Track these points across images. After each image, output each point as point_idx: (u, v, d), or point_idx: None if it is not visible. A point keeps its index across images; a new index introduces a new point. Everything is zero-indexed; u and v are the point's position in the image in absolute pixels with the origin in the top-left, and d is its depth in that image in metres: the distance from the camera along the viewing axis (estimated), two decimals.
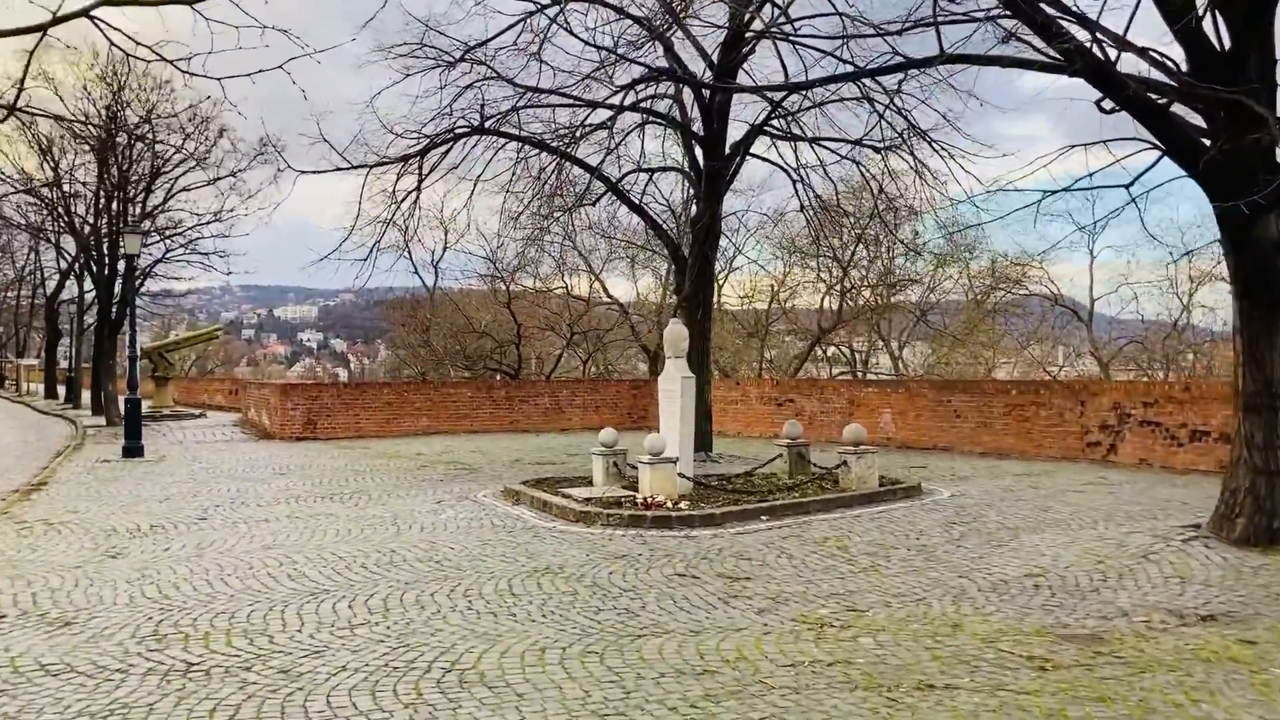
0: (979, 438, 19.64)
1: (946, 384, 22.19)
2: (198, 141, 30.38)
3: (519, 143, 19.18)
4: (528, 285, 33.13)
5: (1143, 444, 16.84)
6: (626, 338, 36.23)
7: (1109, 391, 17.57)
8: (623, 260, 36.61)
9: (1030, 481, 15.24)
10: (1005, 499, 13.42)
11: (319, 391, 26.24)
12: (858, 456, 13.68)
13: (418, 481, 16.31)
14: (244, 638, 7.21)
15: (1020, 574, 9.06)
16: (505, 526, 11.76)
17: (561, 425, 28.20)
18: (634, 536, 11.01)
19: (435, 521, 12.17)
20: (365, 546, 10.58)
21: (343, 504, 13.79)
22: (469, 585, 8.76)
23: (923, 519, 11.96)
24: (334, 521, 12.26)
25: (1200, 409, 15.91)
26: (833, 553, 10.09)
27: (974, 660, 6.58)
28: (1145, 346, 44.32)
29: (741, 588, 8.64)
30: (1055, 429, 18.32)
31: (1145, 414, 16.81)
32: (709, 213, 18.49)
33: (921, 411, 20.67)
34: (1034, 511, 12.38)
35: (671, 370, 13.73)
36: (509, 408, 28.07)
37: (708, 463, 18.66)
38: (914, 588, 8.65)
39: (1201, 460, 15.90)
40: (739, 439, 24.05)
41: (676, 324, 13.95)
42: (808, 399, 23.45)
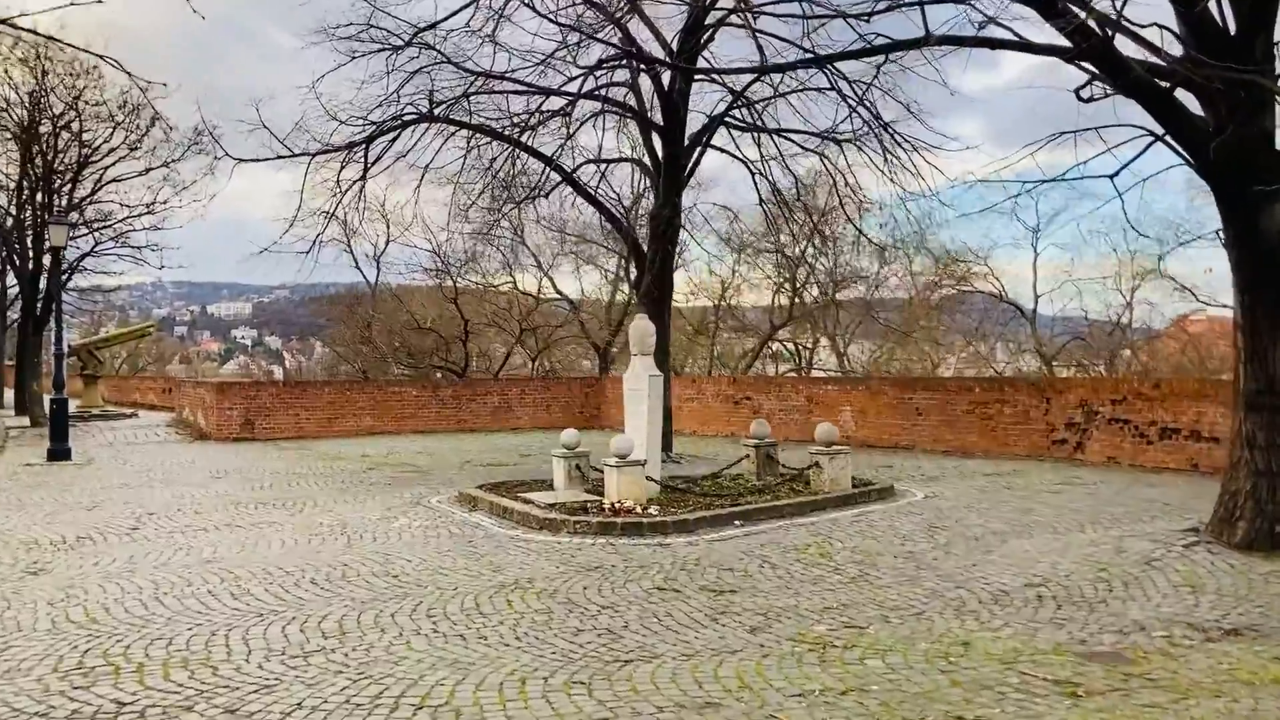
0: (941, 436, 19.24)
1: (908, 381, 21.80)
2: (128, 130, 29.04)
3: (470, 131, 18.38)
4: (475, 280, 32.29)
5: (1111, 442, 16.53)
6: (576, 335, 35.48)
7: (1076, 389, 17.25)
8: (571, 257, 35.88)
9: (1003, 482, 14.82)
10: (982, 500, 12.96)
11: (257, 390, 25.19)
12: (830, 457, 13.13)
13: (365, 485, 15.48)
14: (184, 669, 6.42)
15: (1020, 584, 8.54)
16: (464, 536, 11.02)
17: (511, 425, 27.41)
18: (604, 545, 10.34)
19: (388, 530, 11.40)
20: (314, 560, 9.79)
21: (287, 511, 12.95)
22: (431, 604, 8.03)
23: (903, 523, 11.44)
24: (278, 531, 11.43)
25: (1170, 406, 15.62)
26: (816, 561, 9.51)
27: (997, 685, 6.01)
28: (1088, 343, 44.61)
29: (728, 603, 8.02)
30: (1020, 427, 17.97)
31: (1114, 411, 16.50)
32: (669, 205, 17.85)
33: (883, 409, 20.24)
34: (1015, 514, 11.92)
35: (638, 368, 13.08)
36: (456, 407, 27.22)
37: (669, 463, 18.01)
38: (910, 600, 8.09)
39: (1171, 458, 15.61)
40: (695, 438, 23.46)
41: (643, 320, 13.30)
42: (765, 397, 22.92)
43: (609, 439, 13.55)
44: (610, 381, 28.17)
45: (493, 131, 18.37)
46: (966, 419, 18.80)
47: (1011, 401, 18.15)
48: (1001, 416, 18.29)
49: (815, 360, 46.25)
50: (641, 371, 12.98)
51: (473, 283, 32.26)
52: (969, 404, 18.77)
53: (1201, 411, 15.16)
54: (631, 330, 13.22)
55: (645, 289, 18.10)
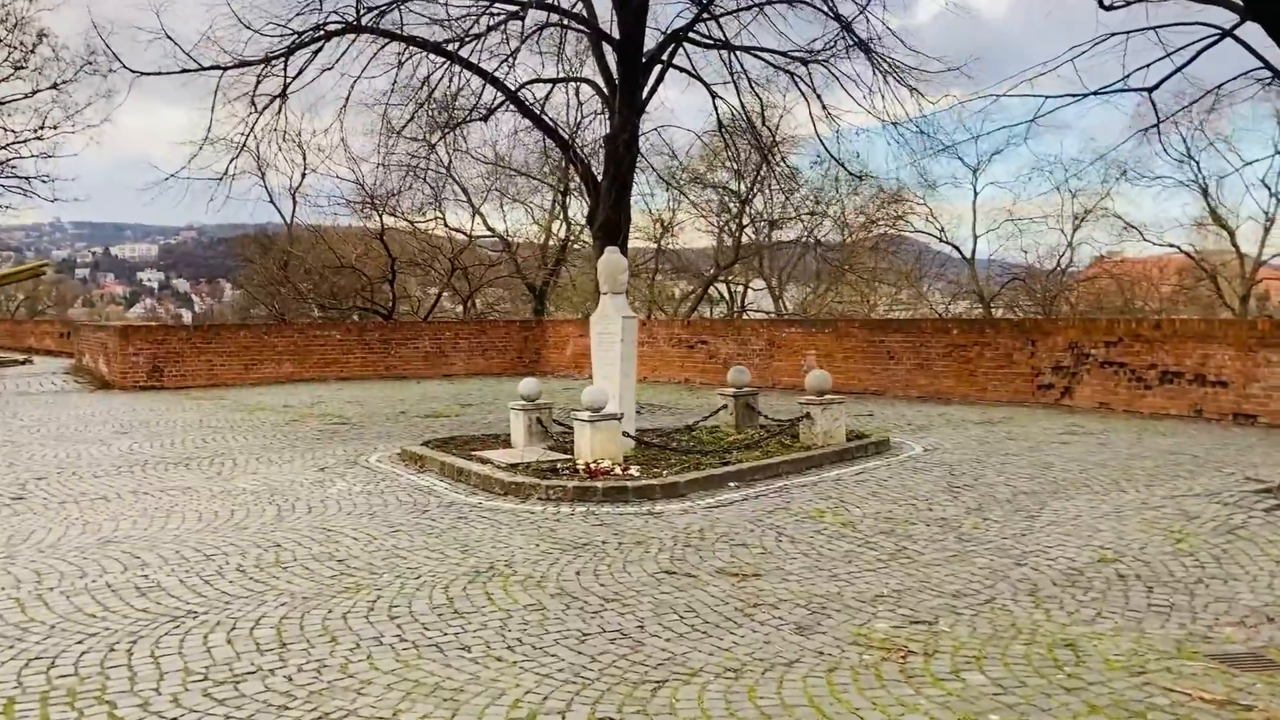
0: (915, 380, 18.04)
1: (879, 323, 20.55)
2: (11, 47, 26.28)
3: (402, 44, 16.43)
4: (402, 216, 30.16)
5: (1104, 387, 15.45)
6: (511, 275, 33.61)
7: (1064, 330, 16.11)
8: (495, 195, 33.79)
9: (1000, 431, 13.63)
10: (991, 454, 11.72)
11: (166, 334, 23.02)
12: (823, 408, 11.75)
13: (291, 440, 13.73)
14: (69, 707, 4.78)
15: (1089, 558, 7.25)
16: (416, 504, 9.42)
17: (444, 371, 25.65)
18: (585, 515, 8.82)
19: (325, 497, 9.74)
20: (239, 537, 8.12)
21: (202, 472, 11.20)
22: (393, 599, 6.44)
23: (916, 481, 10.11)
24: (193, 499, 9.70)
25: (1173, 349, 14.55)
26: (840, 531, 8.12)
27: (1148, 709, 4.66)
28: (1028, 285, 44.03)
29: (756, 591, 6.58)
30: (1002, 371, 16.82)
31: (1107, 354, 15.40)
32: (627, 127, 16.17)
33: (851, 353, 18.96)
34: (1034, 469, 10.68)
35: (609, 308, 11.50)
36: (384, 352, 25.35)
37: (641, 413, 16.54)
38: (970, 582, 6.74)
39: (1173, 404, 14.57)
40: (647, 385, 21.99)
41: (614, 253, 11.70)
42: (722, 340, 21.51)
43: (555, 387, 12.03)
44: (551, 325, 26.53)
45: (428, 44, 16.44)
46: (943, 362, 17.60)
47: (993, 344, 16.97)
48: (981, 360, 17.11)
49: (748, 303, 45.02)
50: (613, 312, 11.41)
51: (400, 218, 30.17)
52: (946, 346, 17.56)
53: (1207, 354, 14.10)
54: (601, 265, 11.63)
55: (601, 221, 16.45)
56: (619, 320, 11.30)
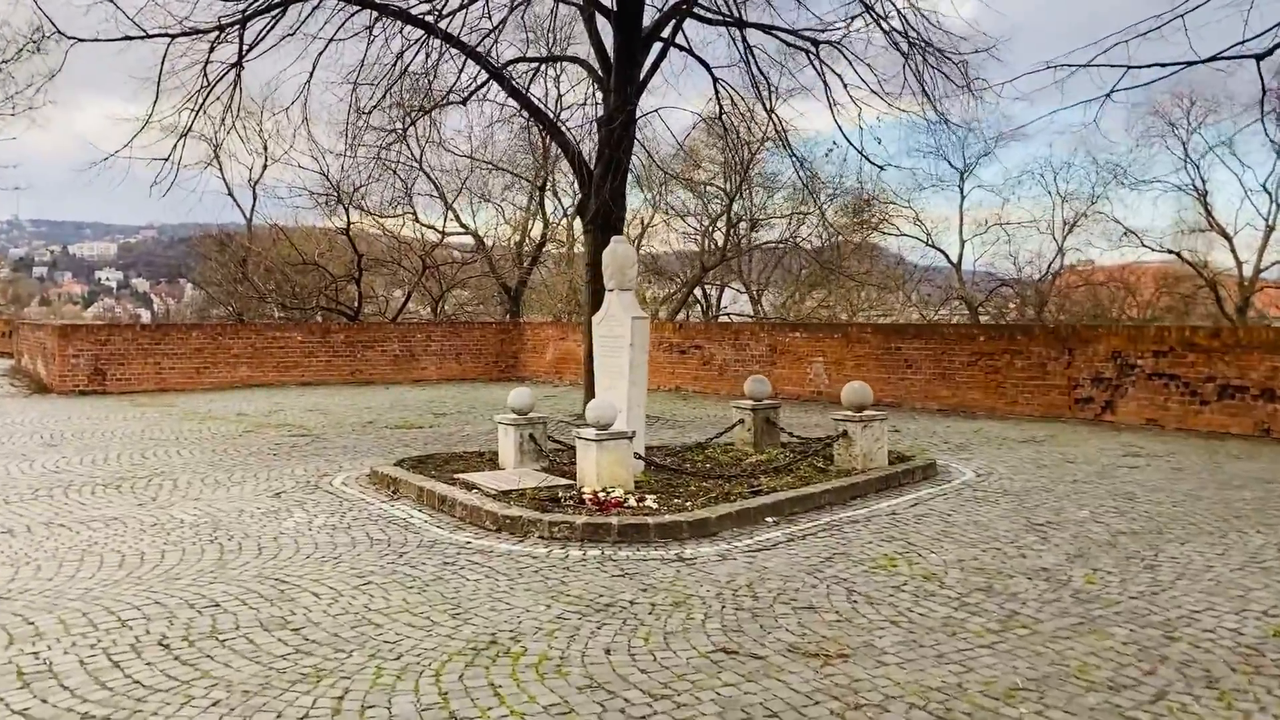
0: (935, 391, 16.52)
1: (896, 328, 19.03)
2: None
3: (374, 11, 14.70)
4: (371, 211, 28.30)
5: (1152, 401, 13.98)
6: (485, 274, 31.81)
7: (1106, 338, 14.63)
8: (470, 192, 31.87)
9: (1053, 452, 12.09)
10: (1056, 481, 10.17)
11: (109, 334, 21.08)
12: (863, 425, 10.15)
13: (243, 457, 11.99)
14: None
15: (1260, 631, 5.68)
16: (391, 543, 7.71)
17: (415, 376, 23.89)
18: (601, 561, 7.16)
19: (279, 533, 8.01)
20: (169, 591, 6.39)
21: (135, 498, 9.45)
22: (366, 692, 4.76)
23: (987, 517, 8.53)
24: (118, 534, 7.95)
25: (1236, 360, 13.09)
26: (924, 587, 6.51)
27: None
28: (1016, 291, 42.79)
29: (850, 683, 4.94)
30: (1034, 382, 15.33)
31: (1156, 365, 13.93)
32: (625, 108, 14.53)
33: (863, 360, 17.41)
34: (1118, 501, 9.14)
35: (616, 308, 9.84)
36: (350, 355, 23.56)
37: None
38: (1121, 666, 5.15)
39: (1234, 422, 13.11)
40: None
41: (622, 244, 10.04)
42: (718, 345, 19.90)
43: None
44: (529, 328, 24.83)
45: (403, 13, 14.72)
46: (967, 372, 16.09)
47: (1024, 352, 15.46)
48: (1011, 370, 15.61)
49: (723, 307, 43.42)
50: (622, 312, 9.75)
51: (367, 214, 28.32)
52: (971, 355, 16.05)
53: (1277, 366, 12.65)
54: (607, 257, 9.96)
55: (595, 212, 14.78)
56: (628, 321, 9.64)
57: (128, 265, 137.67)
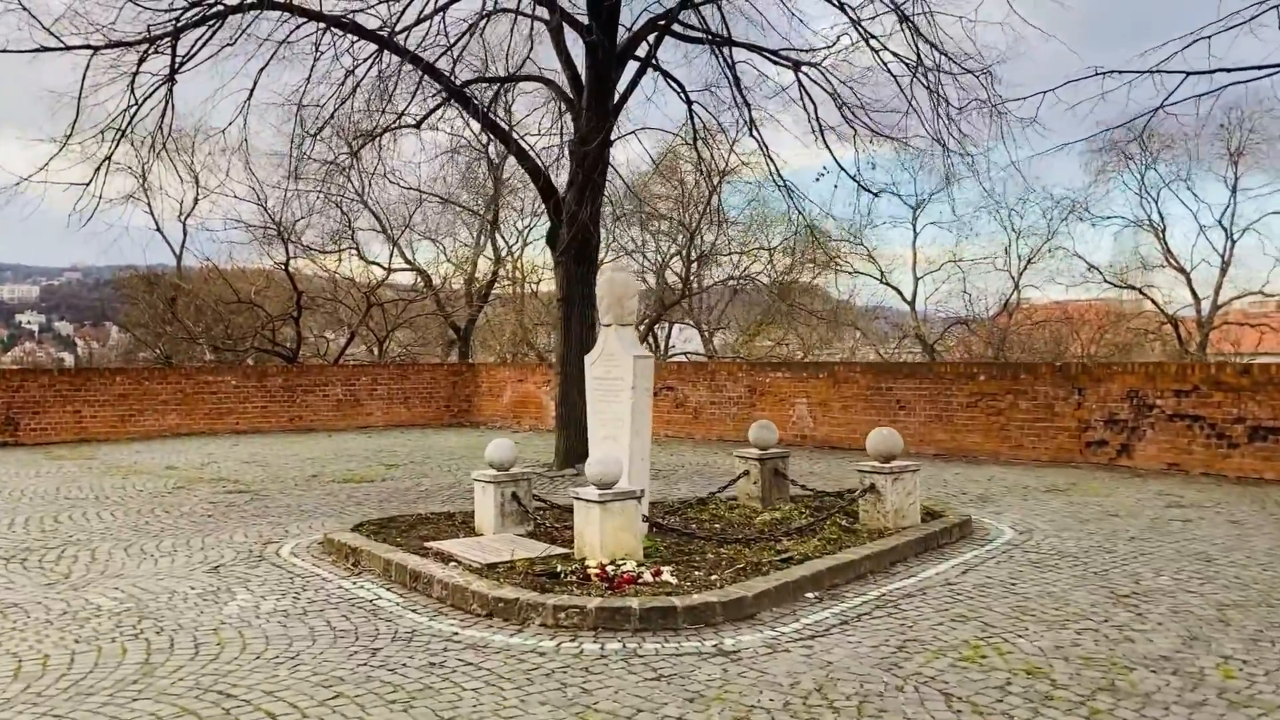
0: (931, 435, 15.39)
1: (888, 367, 17.90)
2: None
3: (322, 23, 13.34)
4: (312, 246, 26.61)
5: (1174, 444, 12.96)
6: (432, 313, 30.23)
7: (1120, 376, 13.62)
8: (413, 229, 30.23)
9: (1087, 503, 10.96)
10: (1110, 539, 9.00)
11: (23, 380, 19.25)
12: (894, 478, 8.91)
13: (173, 519, 10.43)
14: None
15: None
16: (360, 635, 6.27)
17: (360, 422, 22.29)
18: (626, 658, 5.78)
19: (219, 623, 6.53)
20: (76, 716, 4.91)
21: (43, 575, 7.90)
22: None
23: (1057, 586, 7.30)
24: (16, 628, 6.42)
25: (1269, 399, 12.12)
26: (1034, 685, 5.24)
27: None
28: (971, 329, 42.22)
29: None
30: (1041, 424, 14.26)
31: (1178, 405, 12.93)
32: (601, 127, 13.28)
33: (851, 401, 16.25)
34: (1193, 563, 7.99)
35: (615, 345, 8.52)
36: (289, 400, 21.91)
37: None
38: None
39: (1269, 466, 12.12)
40: None
41: (620, 271, 8.76)
42: (692, 386, 18.63)
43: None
44: (484, 369, 23.36)
45: (355, 27, 13.38)
46: (966, 414, 14.99)
47: (1029, 392, 14.40)
48: (1015, 411, 14.53)
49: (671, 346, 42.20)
50: (622, 351, 8.44)
51: (308, 248, 26.65)
52: (971, 395, 14.96)
53: None
54: (604, 287, 8.65)
55: (569, 241, 13.47)
56: (629, 361, 8.32)
57: (51, 308, 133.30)
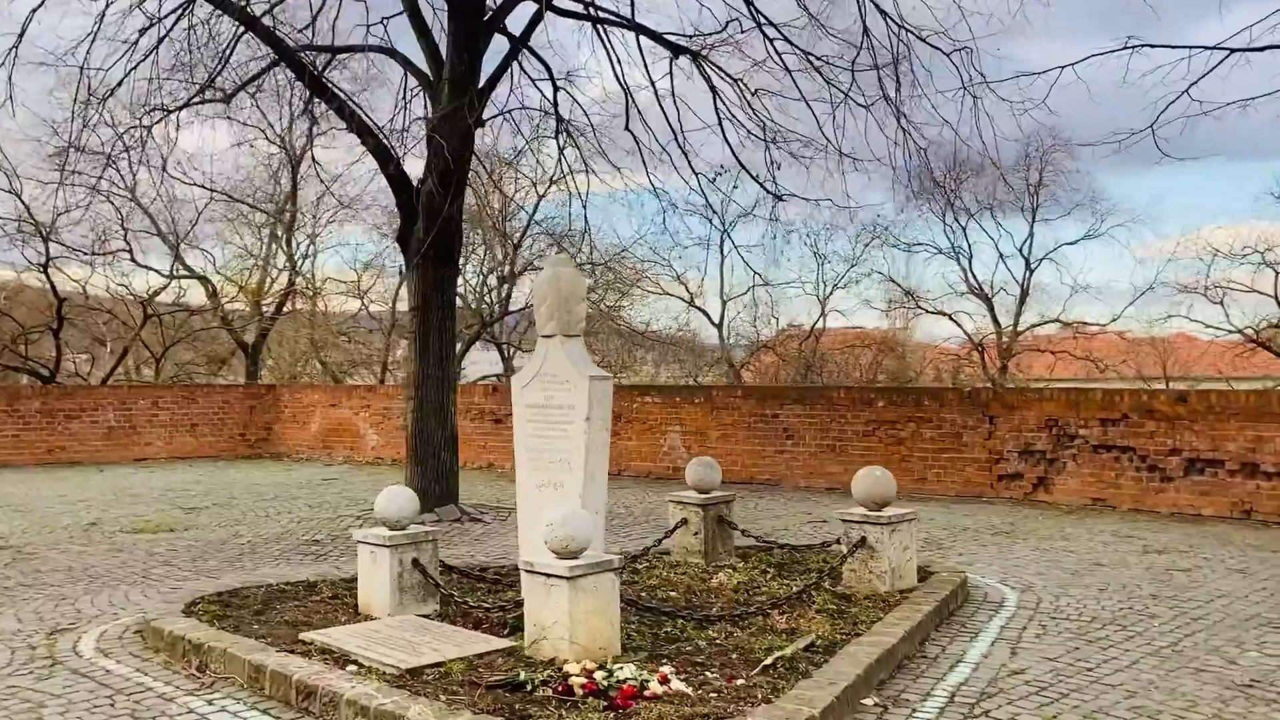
0: (823, 467, 13.95)
1: (775, 391, 16.32)
2: None
3: None
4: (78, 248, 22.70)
5: (1098, 477, 11.96)
6: (213, 327, 26.74)
7: (1037, 404, 12.54)
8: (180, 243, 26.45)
9: (1045, 547, 9.65)
10: (1128, 598, 7.62)
11: None
12: (890, 529, 7.24)
13: None
14: None
15: None
16: None
17: (137, 454, 19.00)
18: None
19: None
20: None
21: None
22: None
23: (1144, 674, 5.77)
24: None
25: (1208, 429, 11.25)
26: None
27: None
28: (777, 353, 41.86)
29: None
30: (947, 455, 13.05)
31: (1104, 435, 11.93)
32: (470, 108, 11.13)
33: (731, 430, 14.61)
34: (1267, 630, 6.66)
35: (560, 362, 6.47)
36: (48, 427, 18.44)
37: (465, 521, 11.36)
38: None
39: (1206, 502, 11.23)
40: None
41: (568, 268, 6.70)
42: None
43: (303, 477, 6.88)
44: (288, 392, 20.43)
45: None
46: (863, 444, 13.62)
47: (934, 420, 13.17)
48: (918, 441, 13.27)
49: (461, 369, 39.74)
50: (572, 370, 6.41)
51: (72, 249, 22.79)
52: (868, 423, 13.60)
53: (1262, 436, 10.88)
54: (543, 287, 6.58)
55: (428, 240, 11.21)
56: (583, 382, 6.30)
57: None
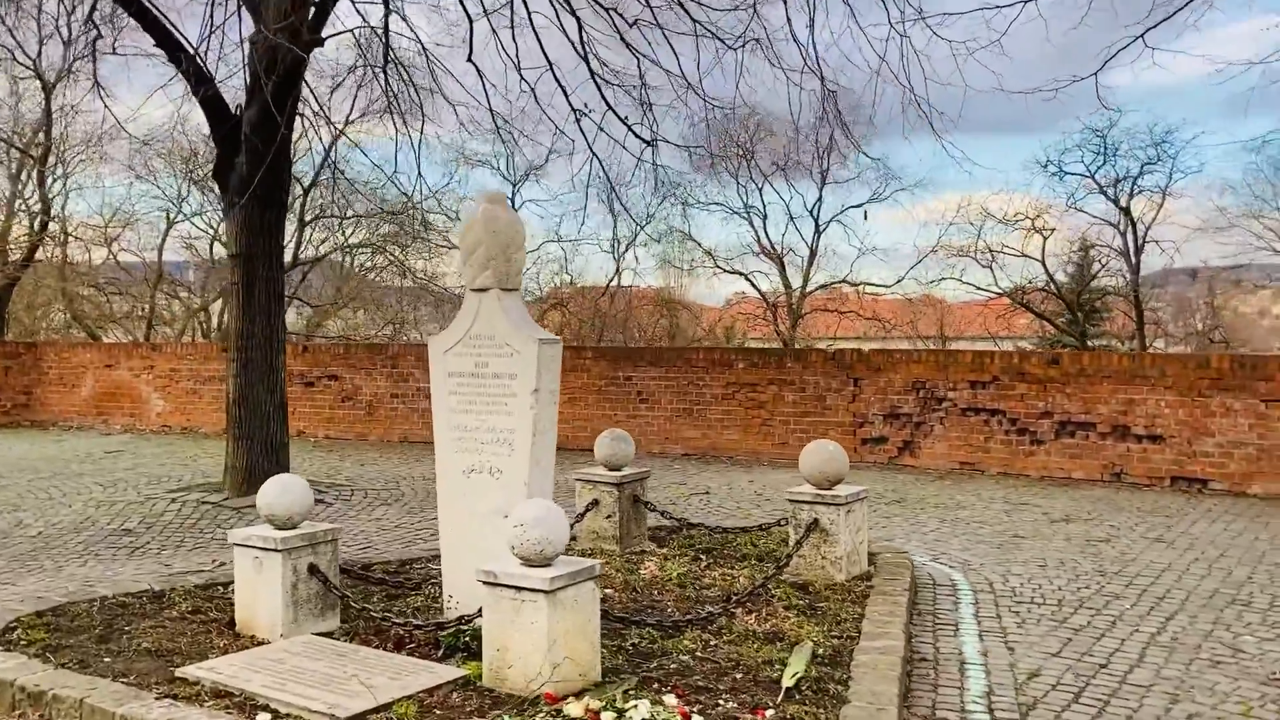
0: (679, 432, 13.17)
1: (625, 353, 15.17)
2: None
3: None
4: None
5: (966, 441, 11.71)
6: None
7: (904, 366, 12.16)
8: None
9: (948, 518, 9.21)
10: (1058, 570, 7.20)
11: None
12: (845, 510, 6.50)
13: None
14: None
15: None
16: None
17: None
18: None
19: None
20: None
21: None
22: None
23: (1168, 667, 5.26)
24: None
25: (1080, 392, 11.14)
26: None
27: None
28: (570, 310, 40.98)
29: None
30: (810, 419, 12.52)
31: (974, 398, 11.69)
32: (304, 21, 9.54)
33: (580, 393, 13.58)
34: (1230, 606, 6.33)
35: (497, 321, 5.32)
36: None
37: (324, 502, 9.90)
38: None
39: (1077, 465, 11.14)
40: (204, 438, 14.82)
41: (500, 206, 5.50)
42: (366, 375, 14.92)
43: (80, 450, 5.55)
44: (50, 349, 17.79)
45: None
46: (721, 407, 12.93)
47: (797, 383, 12.61)
48: (780, 404, 12.68)
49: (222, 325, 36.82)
50: (511, 329, 5.28)
51: None
52: (727, 386, 12.90)
53: (1133, 399, 10.85)
54: (478, 230, 5.36)
55: (251, 176, 9.57)
56: (530, 346, 5.19)
57: None
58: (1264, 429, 10.23)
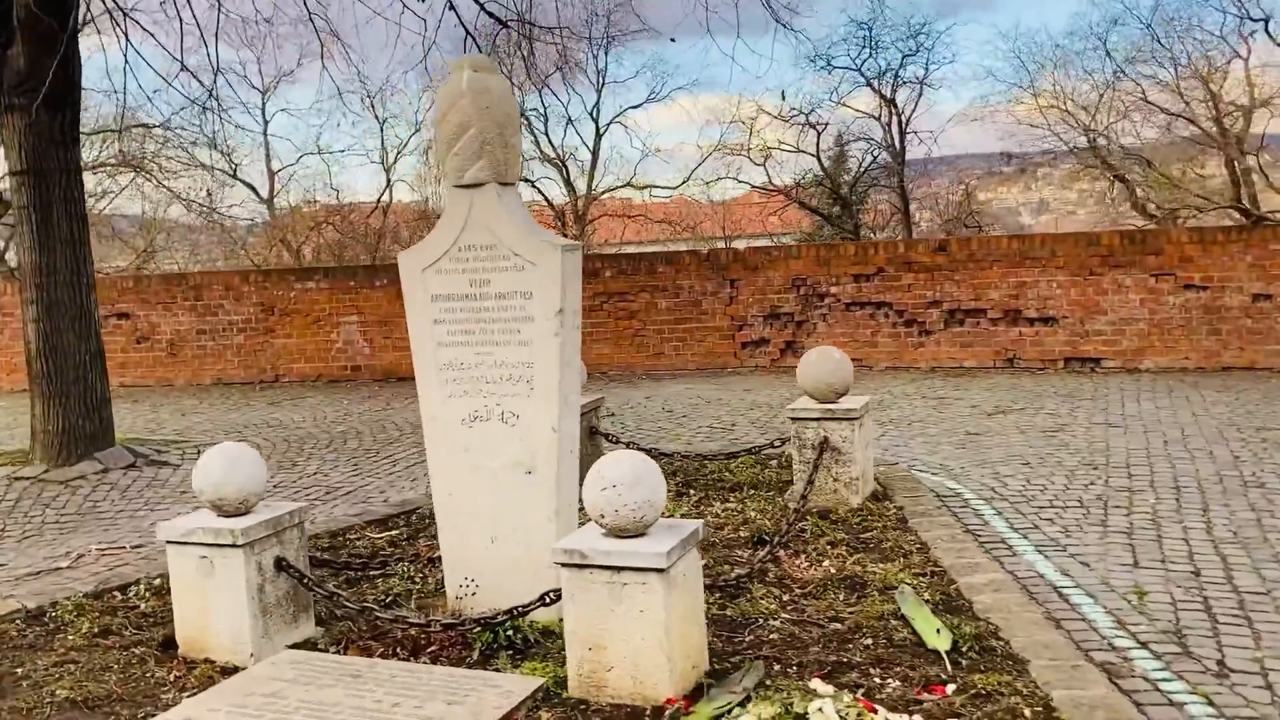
0: None
1: None
2: None
3: None
4: None
5: (853, 337, 11.22)
6: None
7: (782, 263, 11.48)
8: None
9: (882, 413, 8.66)
10: (1057, 468, 6.75)
11: None
12: (856, 425, 5.74)
13: None
14: None
15: None
16: None
17: None
18: None
19: None
20: None
21: None
22: None
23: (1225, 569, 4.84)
24: None
25: (970, 278, 10.80)
26: None
27: None
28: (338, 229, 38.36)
29: None
30: (686, 326, 11.73)
31: (858, 292, 11.19)
32: None
33: None
34: (1216, 484, 6.04)
35: (500, 224, 4.12)
36: None
37: (142, 466, 8.29)
38: None
39: (969, 354, 10.88)
40: (14, 396, 12.57)
41: (494, 76, 4.23)
42: (166, 311, 12.88)
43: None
44: None
45: None
46: (590, 320, 11.89)
47: (670, 288, 11.74)
48: (654, 313, 11.80)
49: None
50: (517, 234, 4.12)
51: None
52: (594, 296, 11.85)
53: (1024, 283, 10.61)
54: (467, 109, 4.07)
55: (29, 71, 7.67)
56: (553, 256, 4.05)
57: None
58: (1154, 304, 10.24)
